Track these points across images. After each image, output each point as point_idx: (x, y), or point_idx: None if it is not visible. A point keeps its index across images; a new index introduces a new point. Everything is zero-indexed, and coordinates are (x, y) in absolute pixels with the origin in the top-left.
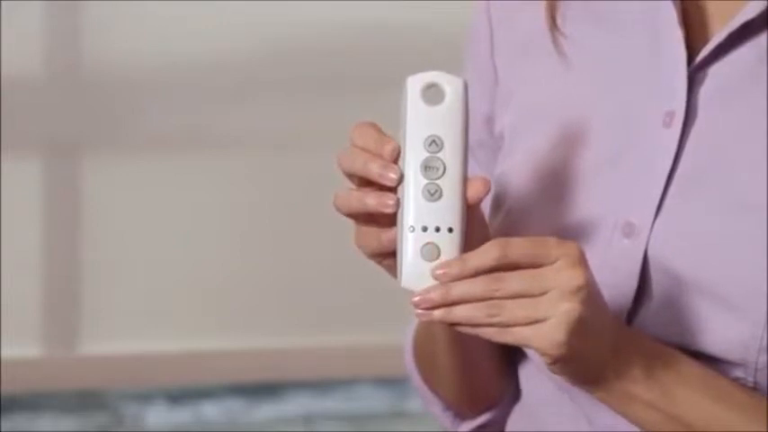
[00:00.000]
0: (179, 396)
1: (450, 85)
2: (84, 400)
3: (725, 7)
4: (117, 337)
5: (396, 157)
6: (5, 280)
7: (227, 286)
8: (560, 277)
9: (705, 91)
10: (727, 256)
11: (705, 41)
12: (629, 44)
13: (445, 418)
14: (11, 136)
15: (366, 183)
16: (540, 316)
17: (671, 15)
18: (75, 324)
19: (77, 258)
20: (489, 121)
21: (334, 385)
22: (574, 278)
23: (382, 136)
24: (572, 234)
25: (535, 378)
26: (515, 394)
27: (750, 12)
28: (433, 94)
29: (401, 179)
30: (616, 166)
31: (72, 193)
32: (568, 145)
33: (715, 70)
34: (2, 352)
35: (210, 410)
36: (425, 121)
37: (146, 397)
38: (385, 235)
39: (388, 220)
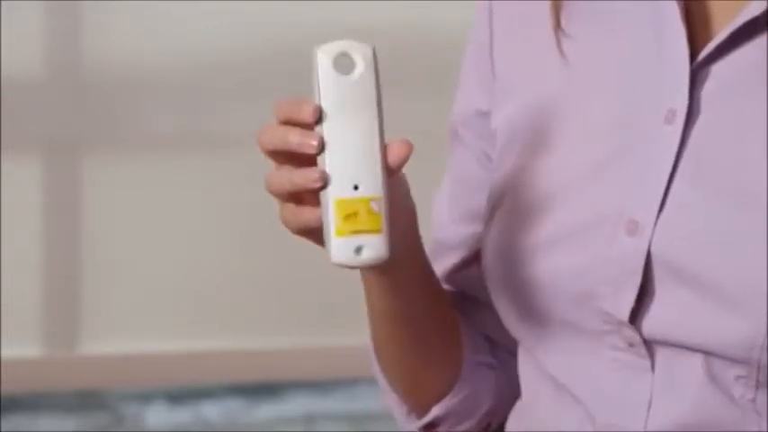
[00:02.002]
0: (179, 396)
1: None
2: (84, 400)
3: (728, 6)
4: (117, 337)
5: (318, 118)
6: (5, 280)
7: (227, 286)
8: None
9: (707, 89)
10: (729, 254)
11: (708, 40)
12: (631, 43)
13: (400, 414)
14: (11, 136)
15: (288, 160)
16: None
17: (674, 13)
18: (76, 324)
19: (77, 258)
20: (484, 115)
21: (334, 385)
22: None
23: (302, 100)
24: (574, 232)
25: (534, 377)
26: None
27: (754, 10)
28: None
29: (323, 147)
30: (618, 164)
31: (72, 193)
32: (570, 144)
33: (717, 68)
34: (2, 352)
35: (210, 410)
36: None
37: (146, 397)
38: (305, 210)
39: (314, 198)
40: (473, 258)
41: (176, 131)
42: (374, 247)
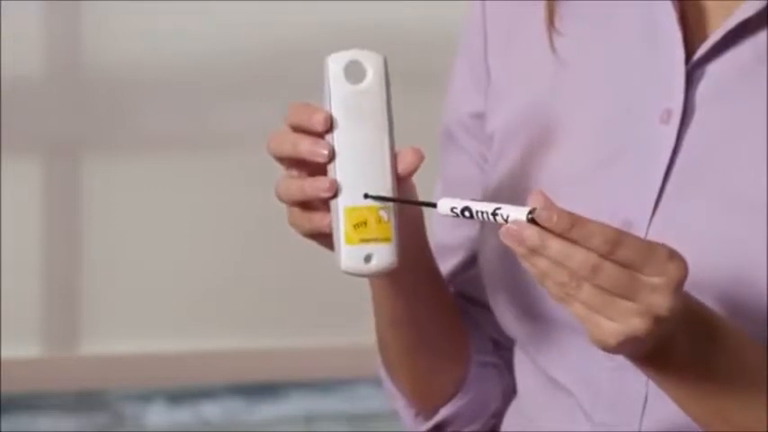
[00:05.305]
0: (179, 396)
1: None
2: (84, 400)
3: (723, 6)
4: (117, 337)
5: (329, 127)
6: (5, 280)
7: (227, 286)
8: (651, 297)
9: (703, 89)
10: (722, 254)
11: (703, 40)
12: (626, 43)
13: (407, 416)
14: (11, 136)
15: (296, 165)
16: (607, 315)
17: (669, 13)
18: (75, 324)
19: (77, 258)
20: (480, 117)
21: (334, 385)
22: (662, 306)
23: (314, 108)
24: None
25: (530, 376)
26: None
27: (748, 10)
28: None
29: (333, 155)
30: (613, 163)
31: (72, 193)
32: (564, 144)
33: (713, 68)
34: (2, 352)
35: (210, 410)
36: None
37: (146, 397)
38: (315, 216)
39: (324, 203)
40: (473, 260)
41: (176, 131)
42: (383, 256)
